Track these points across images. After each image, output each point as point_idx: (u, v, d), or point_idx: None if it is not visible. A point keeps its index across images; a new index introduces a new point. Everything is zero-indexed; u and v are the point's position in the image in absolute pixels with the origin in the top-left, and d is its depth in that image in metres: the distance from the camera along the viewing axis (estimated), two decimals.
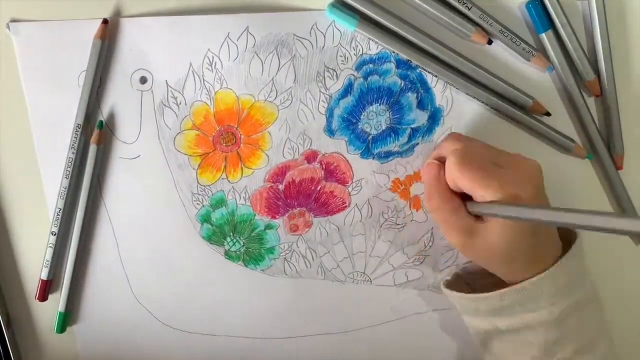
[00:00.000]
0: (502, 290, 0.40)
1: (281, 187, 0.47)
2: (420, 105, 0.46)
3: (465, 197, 0.40)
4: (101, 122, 0.43)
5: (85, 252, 0.46)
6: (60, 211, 0.44)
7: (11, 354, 0.47)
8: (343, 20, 0.43)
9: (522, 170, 0.39)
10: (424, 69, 0.44)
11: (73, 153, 0.43)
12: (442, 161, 0.41)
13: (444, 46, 0.44)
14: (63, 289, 0.46)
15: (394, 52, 0.44)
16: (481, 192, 0.38)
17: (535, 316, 0.40)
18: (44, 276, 0.45)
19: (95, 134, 0.43)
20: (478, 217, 0.40)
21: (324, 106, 0.45)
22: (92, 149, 0.44)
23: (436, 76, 0.44)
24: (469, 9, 0.43)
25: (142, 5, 0.43)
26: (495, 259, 0.40)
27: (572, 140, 0.47)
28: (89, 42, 0.42)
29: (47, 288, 0.46)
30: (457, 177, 0.39)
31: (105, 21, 0.42)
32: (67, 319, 0.47)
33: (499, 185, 0.37)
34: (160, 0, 0.43)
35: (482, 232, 0.39)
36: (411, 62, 0.44)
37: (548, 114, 0.46)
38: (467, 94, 0.45)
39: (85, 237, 0.46)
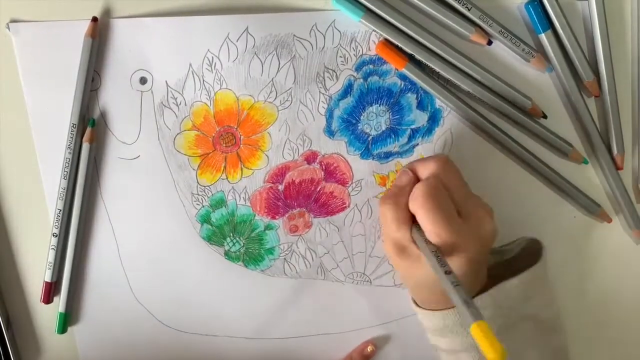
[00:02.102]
0: (444, 311, 0.41)
1: (281, 187, 0.47)
2: (420, 106, 0.46)
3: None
4: (93, 120, 0.43)
5: (85, 253, 0.46)
6: (60, 212, 0.44)
7: (11, 354, 0.47)
8: (349, 11, 0.42)
9: (478, 229, 0.40)
10: (427, 64, 0.44)
11: (70, 153, 0.43)
12: (416, 174, 0.42)
13: (446, 44, 0.44)
14: (62, 289, 0.46)
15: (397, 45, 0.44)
16: (429, 231, 0.38)
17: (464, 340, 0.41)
18: (47, 278, 0.45)
19: (88, 132, 0.43)
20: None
21: (323, 107, 0.45)
22: (85, 147, 0.43)
23: (438, 73, 0.44)
24: (469, 10, 0.43)
25: (142, 6, 0.43)
26: (412, 283, 0.42)
27: (570, 145, 0.47)
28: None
29: (51, 290, 0.46)
30: (418, 207, 0.39)
31: (94, 19, 0.42)
32: (67, 319, 0.47)
33: (446, 234, 0.38)
34: (160, 1, 0.43)
35: (412, 255, 0.40)
36: (414, 55, 0.43)
37: (545, 116, 0.46)
38: (469, 92, 0.45)
39: (84, 238, 0.46)
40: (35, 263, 0.46)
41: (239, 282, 0.48)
